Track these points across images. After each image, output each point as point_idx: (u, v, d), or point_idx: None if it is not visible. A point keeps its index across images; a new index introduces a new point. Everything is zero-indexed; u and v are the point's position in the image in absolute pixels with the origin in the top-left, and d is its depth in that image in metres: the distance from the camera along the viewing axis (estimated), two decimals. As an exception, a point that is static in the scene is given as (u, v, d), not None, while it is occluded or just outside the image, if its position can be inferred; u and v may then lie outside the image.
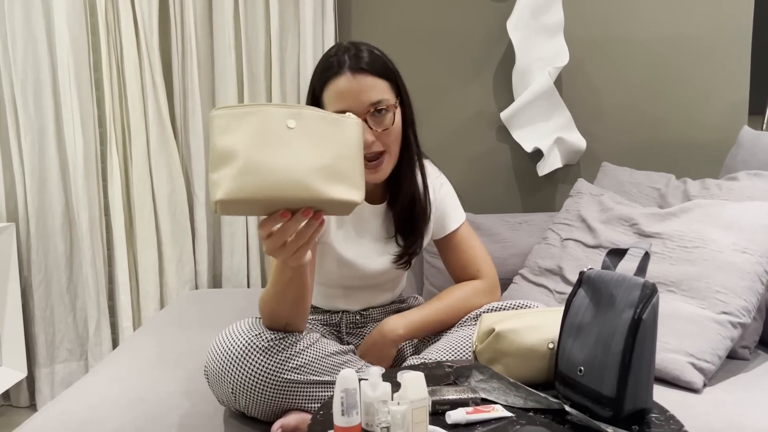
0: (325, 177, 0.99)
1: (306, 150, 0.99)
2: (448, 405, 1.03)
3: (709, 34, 2.24)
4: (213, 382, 1.21)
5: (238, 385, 1.15)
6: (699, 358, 1.37)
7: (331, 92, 1.29)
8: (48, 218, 2.30)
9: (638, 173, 2.01)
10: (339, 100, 1.27)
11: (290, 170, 0.97)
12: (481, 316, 1.22)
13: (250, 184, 0.95)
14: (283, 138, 0.98)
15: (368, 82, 1.28)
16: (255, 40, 2.25)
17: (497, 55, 2.30)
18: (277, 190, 0.96)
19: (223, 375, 1.16)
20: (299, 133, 1.00)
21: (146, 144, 2.26)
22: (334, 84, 1.28)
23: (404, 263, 1.42)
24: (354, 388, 0.94)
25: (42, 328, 2.33)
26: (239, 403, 1.18)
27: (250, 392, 1.15)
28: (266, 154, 0.97)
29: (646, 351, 0.97)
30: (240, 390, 1.15)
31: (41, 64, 2.23)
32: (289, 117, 1.00)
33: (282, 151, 0.98)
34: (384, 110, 1.29)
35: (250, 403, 1.17)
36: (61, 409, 1.32)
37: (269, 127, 0.98)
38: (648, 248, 1.02)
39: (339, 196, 1.00)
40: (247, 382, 1.15)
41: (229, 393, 1.17)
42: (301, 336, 1.21)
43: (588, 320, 1.04)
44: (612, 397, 0.97)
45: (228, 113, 0.99)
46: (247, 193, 0.95)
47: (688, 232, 1.56)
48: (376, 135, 1.28)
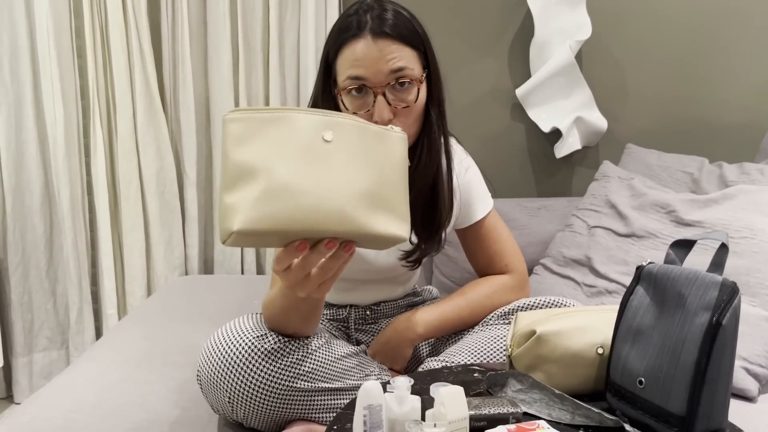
0: (368, 205, 0.81)
1: (345, 170, 0.81)
2: (485, 421, 0.88)
3: (741, 6, 2.09)
4: (207, 389, 1.04)
5: (235, 392, 0.99)
6: (753, 363, 1.23)
7: (347, 57, 1.10)
8: (26, 197, 2.14)
9: (667, 156, 1.87)
10: (354, 66, 1.09)
11: (327, 196, 0.79)
12: (517, 314, 1.06)
13: (276, 212, 0.77)
14: (318, 154, 0.80)
15: (392, 48, 1.09)
16: (251, 5, 2.09)
17: (514, 26, 2.15)
18: (309, 221, 0.78)
19: (219, 382, 1.00)
20: (337, 147, 0.81)
21: (133, 117, 2.11)
22: (350, 48, 1.09)
23: (413, 261, 1.24)
24: (379, 405, 0.79)
25: (19, 315, 2.18)
26: (237, 413, 1.02)
27: (250, 401, 1.00)
28: (296, 174, 0.79)
29: (725, 362, 0.83)
30: (238, 398, 1.00)
31: (18, 29, 2.06)
32: (325, 127, 0.81)
33: (316, 170, 0.79)
34: (407, 83, 1.10)
35: (250, 413, 1.01)
36: (32, 415, 1.16)
37: (300, 139, 0.80)
38: (725, 239, 0.87)
39: (384, 230, 0.82)
40: (247, 391, 0.99)
41: (225, 402, 1.02)
42: (309, 339, 1.05)
43: (649, 323, 0.89)
44: (681, 415, 0.83)
45: (246, 118, 0.81)
46: (271, 223, 0.77)
47: (734, 221, 1.42)
48: (395, 112, 1.09)
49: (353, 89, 1.09)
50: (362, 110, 1.09)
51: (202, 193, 2.22)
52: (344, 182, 0.80)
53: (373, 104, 1.08)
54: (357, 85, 1.08)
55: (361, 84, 1.08)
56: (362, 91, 1.09)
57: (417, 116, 1.14)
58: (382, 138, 0.86)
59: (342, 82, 1.10)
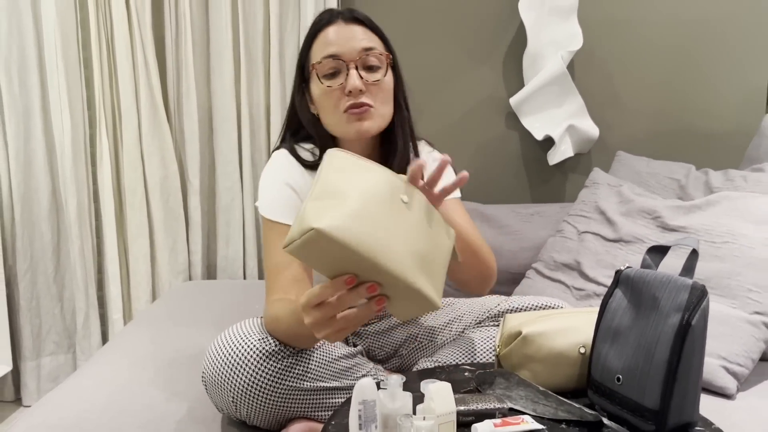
0: (419, 264, 0.89)
1: (409, 230, 0.91)
2: (473, 416, 0.94)
3: (729, 17, 2.15)
4: (211, 390, 1.10)
5: (239, 392, 1.05)
6: (732, 362, 1.29)
7: (320, 41, 1.22)
8: (34, 205, 2.20)
9: (656, 163, 1.92)
10: (328, 45, 1.20)
11: (394, 240, 0.87)
12: (505, 316, 1.12)
13: (359, 231, 0.84)
14: (395, 207, 0.91)
15: (362, 31, 1.22)
16: (253, 16, 2.14)
17: (507, 38, 2.21)
18: (377, 253, 0.84)
19: (222, 382, 1.06)
20: (408, 211, 0.92)
21: (138, 127, 2.16)
22: (324, 33, 1.22)
23: None
24: (373, 400, 0.84)
25: (28, 320, 2.24)
26: (240, 412, 1.08)
27: (253, 400, 1.05)
28: (379, 211, 0.88)
29: (695, 360, 0.89)
30: (241, 398, 1.06)
31: (26, 41, 2.12)
32: (404, 192, 0.93)
33: (391, 218, 0.89)
34: (375, 64, 1.21)
35: (253, 411, 1.07)
36: (44, 417, 1.21)
37: (385, 190, 0.91)
38: (696, 245, 0.93)
39: (424, 288, 0.89)
40: (248, 390, 1.05)
41: (229, 401, 1.07)
42: None
43: (627, 324, 0.95)
44: (655, 409, 0.89)
45: (350, 158, 0.94)
46: (351, 237, 0.83)
47: (716, 227, 1.48)
48: (366, 86, 1.19)
49: (328, 69, 1.19)
50: (336, 84, 1.19)
51: (206, 200, 2.26)
52: (410, 238, 0.90)
53: (346, 78, 1.18)
54: (331, 63, 1.19)
55: (335, 61, 1.19)
56: (335, 72, 1.19)
57: (387, 96, 1.23)
58: (440, 224, 0.97)
59: (317, 63, 1.20)
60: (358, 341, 1.36)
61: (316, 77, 1.21)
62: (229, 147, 2.19)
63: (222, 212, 2.23)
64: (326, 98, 1.20)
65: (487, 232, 1.92)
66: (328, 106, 1.21)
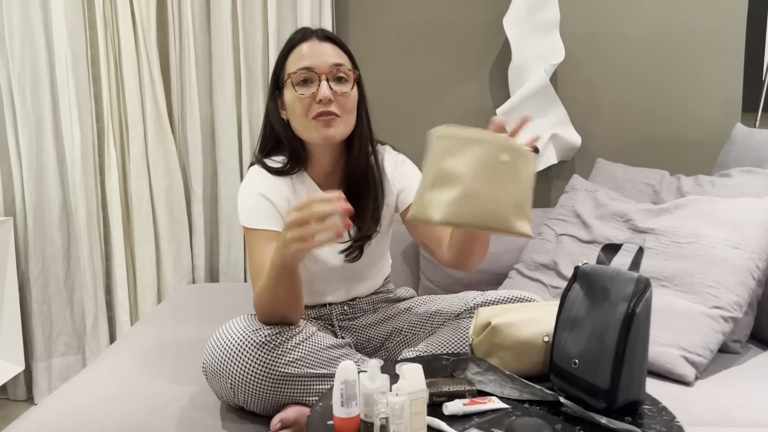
0: (518, 213, 1.05)
1: (510, 184, 1.05)
2: (446, 397, 1.05)
3: (703, 31, 2.26)
4: (211, 378, 1.22)
5: (236, 380, 1.16)
6: (691, 352, 1.39)
7: (295, 55, 1.33)
8: (45, 212, 2.30)
9: (632, 170, 2.03)
10: (301, 59, 1.32)
11: (498, 203, 1.04)
12: (478, 310, 1.23)
13: (467, 211, 1.02)
14: (498, 171, 1.04)
15: (333, 48, 1.34)
16: (252, 35, 2.26)
17: (494, 52, 2.32)
18: (483, 220, 1.03)
19: (221, 371, 1.18)
20: (509, 167, 1.05)
21: (144, 139, 2.27)
22: (298, 49, 1.33)
23: (353, 252, 1.40)
24: (353, 380, 0.96)
25: (39, 322, 2.34)
26: (238, 398, 1.19)
27: (248, 387, 1.17)
28: (484, 184, 1.03)
29: (639, 344, 0.99)
30: (238, 385, 1.17)
31: (39, 59, 2.24)
32: (504, 150, 1.04)
33: (495, 183, 1.04)
34: (345, 78, 1.33)
35: (249, 397, 1.18)
36: (62, 403, 1.33)
37: (489, 158, 1.03)
38: (642, 243, 1.04)
39: (522, 230, 1.06)
40: (244, 377, 1.16)
41: (227, 388, 1.19)
42: (296, 331, 1.22)
43: (583, 314, 1.06)
44: (606, 389, 0.99)
45: (453, 135, 1.04)
46: (461, 218, 1.02)
47: (682, 228, 1.59)
48: (335, 97, 1.31)
49: (301, 78, 1.30)
50: (308, 92, 1.30)
51: (208, 208, 2.36)
52: (508, 194, 1.05)
53: (318, 88, 1.29)
54: (304, 74, 1.30)
55: (308, 72, 1.30)
56: (308, 82, 1.31)
57: (352, 107, 1.35)
58: (527, 158, 1.09)
59: (293, 72, 1.31)
60: (347, 335, 1.47)
61: (290, 85, 1.32)
62: (230, 157, 2.30)
63: (224, 219, 2.34)
64: (298, 104, 1.31)
65: (473, 236, 2.03)
66: (299, 112, 1.32)
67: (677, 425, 0.98)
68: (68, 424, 1.25)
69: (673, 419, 1.00)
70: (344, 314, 1.48)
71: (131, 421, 1.26)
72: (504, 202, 1.04)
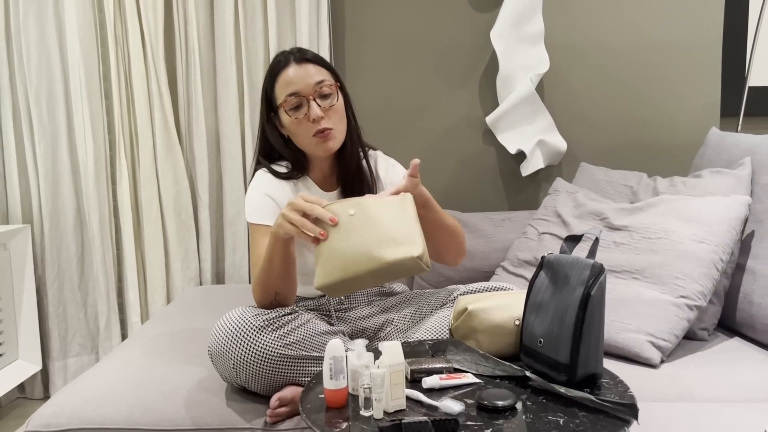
0: (385, 245, 1.20)
1: (366, 229, 1.21)
2: (425, 373, 1.17)
3: (682, 39, 2.38)
4: (216, 360, 1.34)
5: (238, 360, 1.29)
6: (657, 337, 1.51)
7: (281, 82, 1.48)
8: (61, 220, 2.42)
9: (613, 172, 2.14)
10: (288, 85, 1.47)
11: (357, 247, 1.20)
12: (458, 298, 1.35)
13: (333, 269, 1.20)
14: (348, 224, 1.22)
15: (312, 68, 1.49)
16: (254, 50, 2.38)
17: (482, 63, 2.44)
18: (351, 267, 1.19)
19: (224, 352, 1.30)
20: (358, 217, 1.22)
21: (153, 149, 2.39)
22: (283, 75, 1.48)
23: None
24: (341, 356, 1.08)
25: (55, 324, 2.45)
26: (240, 377, 1.32)
27: (249, 367, 1.29)
28: (339, 241, 1.21)
29: (595, 323, 1.11)
30: (240, 365, 1.29)
31: (54, 75, 2.36)
32: (349, 208, 1.23)
33: (349, 235, 1.21)
34: (328, 92, 1.48)
35: (250, 377, 1.31)
36: (80, 388, 1.46)
37: (340, 220, 1.22)
38: (598, 234, 1.16)
39: (399, 255, 1.19)
40: (246, 358, 1.28)
41: (230, 368, 1.31)
42: (293, 317, 1.35)
43: (547, 298, 1.18)
44: (566, 363, 1.11)
45: None
46: (332, 276, 1.20)
47: (653, 225, 1.70)
48: (324, 112, 1.46)
49: (292, 104, 1.46)
50: (301, 115, 1.46)
51: (214, 214, 2.47)
52: (364, 238, 1.21)
53: (308, 109, 1.45)
54: (294, 100, 1.46)
55: (297, 98, 1.46)
56: (299, 106, 1.46)
57: (341, 115, 1.51)
58: (387, 204, 1.26)
59: (282, 101, 1.47)
60: (342, 325, 1.59)
61: (284, 112, 1.48)
62: (235, 165, 2.42)
63: (229, 224, 2.46)
64: (295, 127, 1.48)
65: (463, 237, 2.15)
66: (299, 134, 1.49)
67: (630, 395, 1.10)
68: (87, 406, 1.38)
69: (627, 390, 1.11)
70: (341, 304, 1.59)
71: (143, 403, 1.38)
72: (367, 245, 1.19)
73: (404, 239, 1.20)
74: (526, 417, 1.02)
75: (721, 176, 1.82)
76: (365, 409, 1.04)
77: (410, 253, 1.19)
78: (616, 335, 1.54)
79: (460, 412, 1.03)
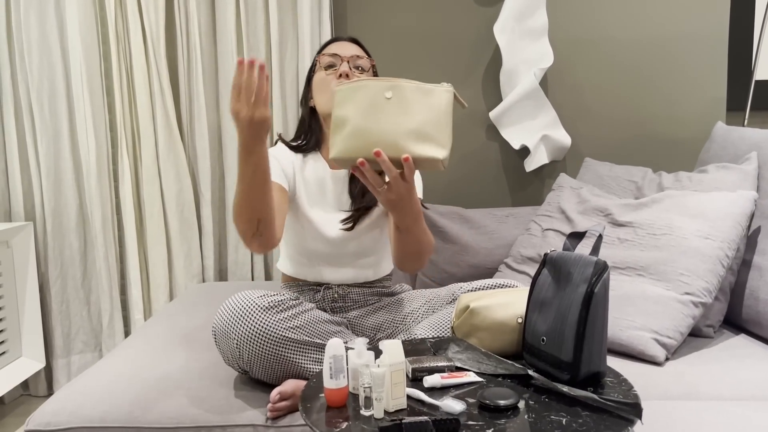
0: (414, 138, 1.18)
1: (399, 116, 1.19)
2: (426, 372, 1.16)
3: (687, 34, 2.36)
4: (219, 339, 1.34)
5: (241, 339, 1.29)
6: (662, 335, 1.49)
7: (327, 51, 1.57)
8: (63, 217, 2.42)
9: (618, 167, 2.13)
10: (329, 50, 1.57)
11: (385, 133, 1.18)
12: (460, 296, 1.34)
13: (357, 145, 1.18)
14: (382, 107, 1.19)
15: (355, 47, 1.58)
16: (256, 47, 2.37)
17: (485, 58, 2.43)
18: (372, 149, 1.16)
19: (228, 330, 1.30)
20: (395, 102, 1.19)
21: (155, 146, 2.38)
22: (330, 46, 1.59)
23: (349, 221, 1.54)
24: (341, 355, 1.07)
25: (59, 321, 2.45)
26: (243, 358, 1.32)
27: (253, 347, 1.29)
28: (372, 120, 1.18)
29: (598, 321, 1.10)
30: (243, 345, 1.29)
31: (55, 73, 2.36)
32: (387, 89, 1.20)
33: (380, 117, 1.19)
34: (364, 66, 1.55)
35: (253, 357, 1.30)
36: (82, 385, 1.46)
37: (374, 98, 1.19)
38: (601, 231, 1.14)
39: (424, 153, 1.17)
40: (250, 337, 1.29)
41: (233, 348, 1.31)
42: (297, 302, 1.36)
43: (550, 296, 1.17)
44: (569, 362, 1.10)
45: (345, 87, 1.21)
46: (352, 152, 1.18)
47: (657, 221, 1.69)
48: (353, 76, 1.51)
49: (328, 62, 1.54)
50: (332, 70, 1.53)
51: (217, 211, 2.47)
52: (397, 124, 1.18)
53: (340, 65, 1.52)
54: (330, 59, 1.54)
55: (334, 57, 1.53)
56: (332, 65, 1.54)
57: None
58: (429, 92, 1.22)
59: (320, 56, 1.56)
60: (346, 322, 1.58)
61: (319, 68, 1.55)
62: (236, 163, 2.40)
63: (231, 221, 2.45)
64: (322, 82, 1.53)
65: (467, 233, 2.13)
66: (322, 88, 1.53)
67: (633, 393, 1.08)
68: (88, 404, 1.38)
69: (631, 389, 1.10)
70: (335, 300, 1.58)
71: (144, 401, 1.38)
72: (396, 132, 1.17)
73: (434, 137, 1.19)
74: (528, 416, 1.01)
75: (727, 171, 1.80)
76: (366, 409, 1.03)
77: (435, 155, 1.18)
78: (620, 332, 1.52)
79: (462, 412, 1.02)
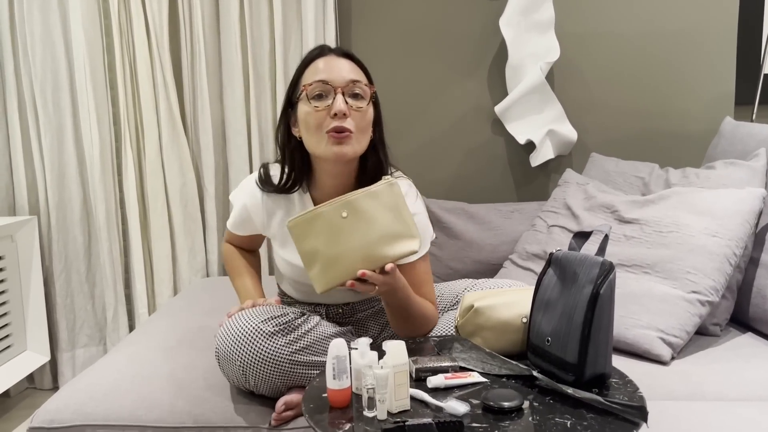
0: (385, 243, 1.21)
1: (362, 230, 1.21)
2: (430, 372, 1.15)
3: (695, 28, 2.33)
4: (223, 363, 1.30)
5: (247, 365, 1.25)
6: (668, 334, 1.48)
7: (312, 68, 1.32)
8: (67, 211, 2.42)
9: (624, 163, 2.11)
10: (318, 72, 1.30)
11: (358, 250, 1.20)
12: (464, 295, 1.33)
13: (336, 273, 1.19)
14: (343, 228, 1.20)
15: (350, 65, 1.33)
16: (260, 40, 2.36)
17: (491, 52, 2.41)
18: (352, 270, 1.19)
19: (232, 356, 1.26)
20: (352, 218, 1.21)
21: (158, 140, 2.38)
22: (315, 62, 1.32)
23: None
24: (344, 356, 1.06)
25: (63, 315, 2.46)
26: (249, 382, 1.29)
27: (259, 372, 1.26)
28: (337, 244, 1.20)
29: (603, 322, 1.09)
30: (249, 370, 1.26)
31: (59, 66, 2.35)
32: (341, 210, 1.21)
33: (346, 238, 1.20)
34: (360, 94, 1.31)
35: (259, 381, 1.28)
36: (85, 383, 1.45)
37: (330, 223, 1.20)
38: (607, 231, 1.13)
39: (400, 252, 1.22)
40: (255, 363, 1.25)
41: (239, 372, 1.28)
42: (303, 320, 1.32)
43: (555, 296, 1.15)
44: (574, 363, 1.09)
45: (299, 221, 1.21)
46: (335, 280, 1.20)
47: (664, 218, 1.67)
48: (350, 112, 1.28)
49: (316, 91, 1.28)
50: (323, 106, 1.28)
51: (221, 205, 2.47)
52: (363, 238, 1.20)
53: (333, 101, 1.27)
54: (320, 87, 1.28)
55: (324, 85, 1.28)
56: (323, 95, 1.29)
57: (367, 125, 1.32)
58: (376, 196, 1.23)
59: (308, 84, 1.29)
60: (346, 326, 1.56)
61: (305, 98, 1.29)
62: (241, 157, 2.40)
63: (235, 216, 2.44)
64: (312, 118, 1.28)
65: (471, 228, 2.12)
66: (312, 126, 1.29)
67: (639, 395, 1.07)
68: (92, 402, 1.37)
69: (636, 390, 1.09)
70: (341, 315, 1.53)
71: (148, 400, 1.37)
72: (368, 246, 1.20)
73: (401, 233, 1.22)
74: (532, 418, 1.00)
75: (735, 168, 1.78)
76: (369, 410, 1.03)
77: (410, 248, 1.22)
78: (626, 331, 1.51)
79: (465, 413, 1.01)
